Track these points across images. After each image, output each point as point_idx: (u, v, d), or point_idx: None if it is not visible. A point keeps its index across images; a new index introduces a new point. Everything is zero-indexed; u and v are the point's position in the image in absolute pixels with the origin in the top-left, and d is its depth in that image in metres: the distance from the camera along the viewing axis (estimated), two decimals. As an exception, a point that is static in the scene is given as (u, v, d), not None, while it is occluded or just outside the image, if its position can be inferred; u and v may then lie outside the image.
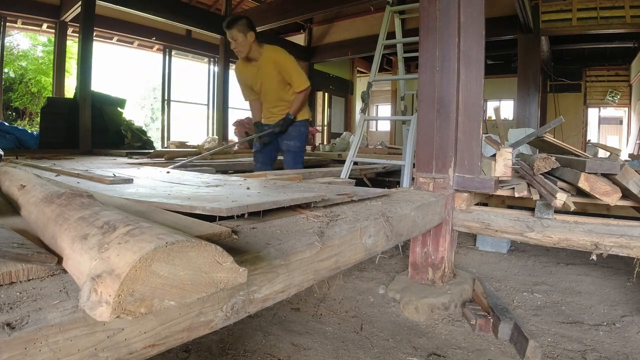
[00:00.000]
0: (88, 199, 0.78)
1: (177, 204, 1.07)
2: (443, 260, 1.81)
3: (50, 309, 0.51)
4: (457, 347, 1.41)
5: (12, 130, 4.75)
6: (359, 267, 2.19)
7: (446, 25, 1.82)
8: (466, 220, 1.80)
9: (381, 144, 6.98)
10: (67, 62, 6.93)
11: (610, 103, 9.47)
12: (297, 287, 0.89)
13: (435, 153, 1.87)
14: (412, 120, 2.92)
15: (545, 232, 1.60)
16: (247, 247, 0.82)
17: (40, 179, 1.11)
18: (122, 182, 1.63)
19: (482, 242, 2.68)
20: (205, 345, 1.34)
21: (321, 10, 6.56)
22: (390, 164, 3.68)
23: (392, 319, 1.63)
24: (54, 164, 2.67)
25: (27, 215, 0.89)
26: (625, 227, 1.50)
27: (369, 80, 3.29)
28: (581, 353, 1.36)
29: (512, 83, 7.26)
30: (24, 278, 0.59)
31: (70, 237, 0.62)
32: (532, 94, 6.32)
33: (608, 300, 1.83)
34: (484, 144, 2.09)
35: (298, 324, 1.56)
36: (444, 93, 1.84)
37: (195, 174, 2.23)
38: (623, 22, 5.67)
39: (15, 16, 5.92)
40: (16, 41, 10.37)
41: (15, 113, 10.06)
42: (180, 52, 8.43)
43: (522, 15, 5.57)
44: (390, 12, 3.36)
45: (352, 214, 1.22)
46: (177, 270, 0.52)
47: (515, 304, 1.78)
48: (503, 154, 1.80)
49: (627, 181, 1.52)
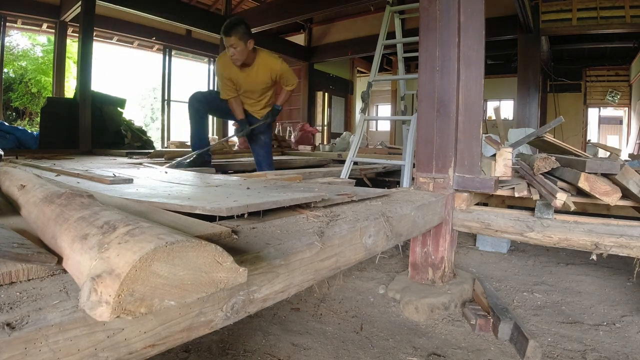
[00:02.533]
0: (88, 199, 0.78)
1: (177, 204, 1.07)
2: (443, 260, 1.81)
3: (50, 309, 0.51)
4: (457, 347, 1.41)
5: (12, 130, 4.76)
6: (359, 267, 2.19)
7: (446, 25, 1.82)
8: (466, 220, 1.80)
9: (381, 144, 6.97)
10: (67, 62, 6.94)
11: (610, 103, 9.47)
12: (297, 287, 0.89)
13: (435, 153, 1.86)
14: (412, 120, 2.92)
15: (545, 232, 1.60)
16: (247, 247, 0.82)
17: (40, 179, 1.11)
18: (122, 182, 1.63)
19: (482, 242, 2.68)
20: (205, 345, 1.34)
21: (321, 10, 6.55)
22: (390, 164, 3.68)
23: (392, 319, 1.63)
24: (54, 164, 2.67)
25: (27, 215, 0.89)
26: (625, 227, 1.50)
27: (369, 80, 3.29)
28: (581, 353, 1.36)
29: (512, 83, 7.26)
30: (24, 278, 0.59)
31: (70, 237, 0.62)
32: (532, 94, 6.32)
33: (608, 300, 1.83)
34: (484, 144, 2.09)
35: (298, 324, 1.56)
36: (444, 93, 1.84)
37: (195, 173, 2.23)
38: (623, 22, 5.66)
39: (15, 16, 5.93)
40: (16, 41, 10.38)
41: (15, 113, 10.06)
42: (180, 52, 8.43)
43: (522, 15, 5.57)
44: (390, 12, 3.36)
45: (352, 214, 1.22)
46: (177, 270, 0.52)
47: (515, 304, 1.78)
48: (503, 154, 1.80)
49: (627, 181, 1.52)
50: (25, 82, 10.17)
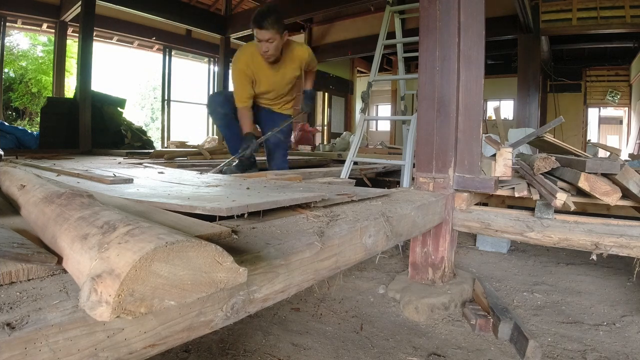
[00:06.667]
0: (88, 199, 0.78)
1: (177, 203, 1.07)
2: (443, 260, 1.81)
3: (50, 309, 0.51)
4: (457, 347, 1.41)
5: (12, 130, 4.76)
6: (359, 267, 2.19)
7: (446, 25, 1.82)
8: (466, 220, 1.80)
9: (381, 144, 6.98)
10: (67, 61, 6.94)
11: (610, 103, 9.48)
12: (297, 287, 0.89)
13: (435, 153, 1.86)
14: (412, 120, 2.92)
15: (545, 232, 1.60)
16: (247, 247, 0.82)
17: (40, 179, 1.11)
18: (122, 182, 1.63)
19: (482, 242, 2.68)
20: (205, 345, 1.34)
21: (321, 10, 6.56)
22: (390, 164, 3.68)
23: (392, 318, 1.63)
24: (54, 164, 2.67)
25: (27, 215, 0.89)
26: (625, 227, 1.50)
27: (369, 80, 3.29)
28: (581, 353, 1.36)
29: (512, 83, 7.26)
30: (24, 278, 0.59)
31: (70, 237, 0.62)
32: (532, 94, 6.33)
33: (608, 300, 1.83)
34: (484, 144, 2.09)
35: (298, 324, 1.56)
36: (444, 93, 1.84)
37: (195, 173, 2.23)
38: (623, 22, 5.67)
39: (15, 16, 5.93)
40: (16, 41, 10.39)
41: (15, 113, 10.06)
42: (180, 52, 8.44)
43: (522, 15, 5.58)
44: (390, 12, 3.36)
45: (352, 214, 1.22)
46: (177, 270, 0.52)
47: (515, 304, 1.78)
48: (503, 153, 1.80)
49: (627, 181, 1.52)
50: (25, 82, 10.17)
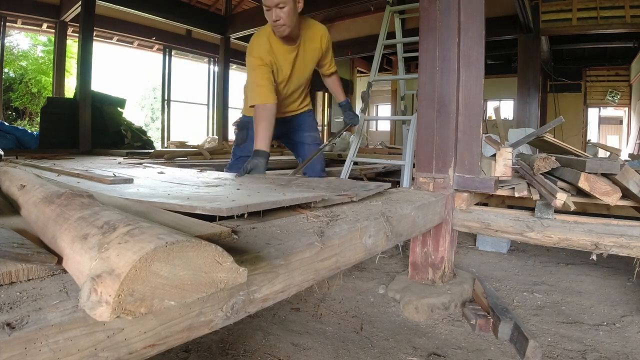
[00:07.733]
0: (88, 199, 0.78)
1: (177, 203, 1.07)
2: (443, 260, 1.81)
3: (50, 309, 0.51)
4: (457, 347, 1.41)
5: (12, 130, 4.76)
6: (359, 267, 2.19)
7: (446, 25, 1.82)
8: (466, 220, 1.80)
9: (381, 144, 6.98)
10: (67, 61, 6.94)
11: (610, 103, 9.47)
12: (297, 287, 0.89)
13: (435, 153, 1.86)
14: (412, 120, 2.92)
15: (545, 232, 1.60)
16: (247, 247, 0.82)
17: (40, 179, 1.11)
18: (122, 182, 1.63)
19: (482, 242, 2.68)
20: (205, 345, 1.34)
21: (321, 10, 6.55)
22: (390, 164, 3.68)
23: (392, 319, 1.63)
24: (54, 164, 2.67)
25: (27, 215, 0.89)
26: (625, 227, 1.50)
27: (369, 80, 3.29)
28: (581, 353, 1.36)
29: (512, 83, 7.26)
30: (24, 278, 0.59)
31: (70, 237, 0.62)
32: (532, 94, 6.33)
33: (608, 300, 1.83)
34: (484, 144, 2.09)
35: (298, 324, 1.56)
36: (444, 93, 1.84)
37: (195, 171, 2.22)
38: (623, 22, 5.67)
39: (15, 16, 5.93)
40: (16, 41, 10.39)
41: (15, 113, 10.06)
42: (180, 52, 8.43)
43: (522, 15, 5.58)
44: (390, 12, 3.36)
45: (352, 214, 1.22)
46: (177, 270, 0.52)
47: (515, 304, 1.78)
48: (503, 153, 1.80)
49: (627, 181, 1.52)
50: (25, 82, 10.17)
